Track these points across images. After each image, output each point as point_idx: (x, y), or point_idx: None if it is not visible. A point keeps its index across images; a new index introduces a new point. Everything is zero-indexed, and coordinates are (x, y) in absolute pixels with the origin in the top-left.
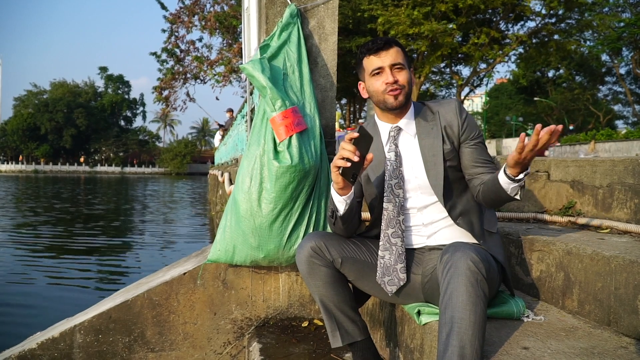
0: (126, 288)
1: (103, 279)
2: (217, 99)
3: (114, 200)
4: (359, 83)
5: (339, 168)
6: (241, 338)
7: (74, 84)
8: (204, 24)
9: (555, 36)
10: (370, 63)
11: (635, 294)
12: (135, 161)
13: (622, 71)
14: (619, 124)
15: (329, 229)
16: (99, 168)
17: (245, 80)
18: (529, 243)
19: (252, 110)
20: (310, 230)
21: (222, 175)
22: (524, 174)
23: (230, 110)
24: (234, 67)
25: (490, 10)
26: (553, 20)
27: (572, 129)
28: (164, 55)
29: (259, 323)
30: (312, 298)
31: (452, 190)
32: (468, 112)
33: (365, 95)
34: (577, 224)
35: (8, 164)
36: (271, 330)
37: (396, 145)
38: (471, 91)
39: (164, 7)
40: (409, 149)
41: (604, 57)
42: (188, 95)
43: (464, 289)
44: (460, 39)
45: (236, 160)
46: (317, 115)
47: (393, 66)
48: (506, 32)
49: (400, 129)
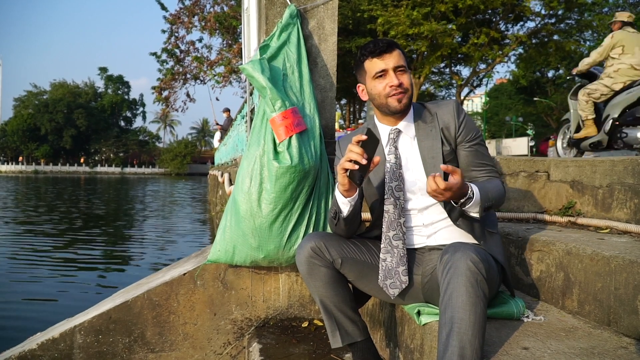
0: (126, 288)
1: (103, 280)
2: (217, 99)
3: (114, 200)
4: (357, 85)
5: (346, 170)
6: (241, 338)
7: (74, 84)
8: (203, 24)
9: (555, 36)
10: (373, 66)
11: (635, 294)
12: (135, 162)
13: None
14: None
15: (329, 230)
16: (99, 168)
17: (245, 80)
18: (529, 243)
19: (252, 111)
20: (310, 230)
21: (222, 175)
22: (463, 200)
23: (227, 110)
24: (234, 68)
25: (490, 11)
26: (553, 21)
27: None
28: (164, 56)
29: (259, 323)
30: (312, 298)
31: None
32: (467, 114)
33: (365, 97)
34: (577, 224)
35: (8, 164)
36: (271, 330)
37: (396, 148)
38: (471, 91)
39: (164, 8)
40: (408, 151)
41: None
42: (188, 95)
43: (464, 289)
44: (460, 40)
45: (236, 161)
46: (317, 116)
47: (396, 69)
48: (506, 33)
49: (399, 132)
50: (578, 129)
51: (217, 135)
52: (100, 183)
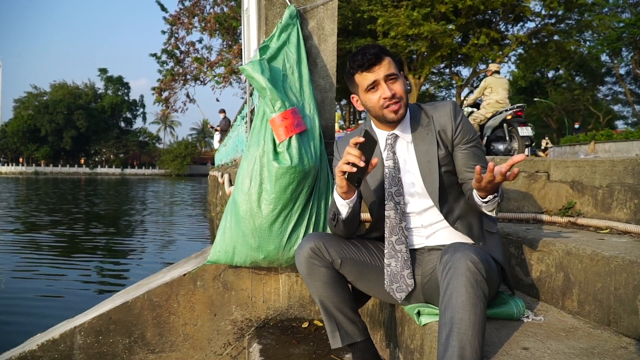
0: (126, 289)
1: (103, 280)
2: (218, 100)
3: (114, 201)
4: (352, 96)
5: (344, 173)
6: (241, 339)
7: (74, 85)
8: (203, 25)
9: (555, 37)
10: (363, 79)
11: (635, 294)
12: (135, 162)
13: (622, 71)
14: (619, 124)
15: (329, 230)
16: (99, 169)
17: (245, 81)
18: (528, 243)
19: (252, 112)
20: (310, 231)
21: (222, 176)
22: (492, 197)
23: (223, 111)
24: (234, 69)
25: (490, 11)
26: (553, 21)
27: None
28: (164, 57)
29: (259, 324)
30: (312, 299)
31: (449, 195)
32: (464, 115)
33: (360, 108)
34: (577, 225)
35: (8, 165)
36: (271, 331)
37: (394, 153)
38: (471, 92)
39: (163, 9)
40: (405, 155)
41: (604, 58)
42: (188, 96)
43: (464, 290)
44: (460, 40)
45: (236, 162)
46: (317, 116)
47: (387, 78)
48: (506, 33)
49: (396, 136)
50: None
51: (217, 136)
52: (100, 184)
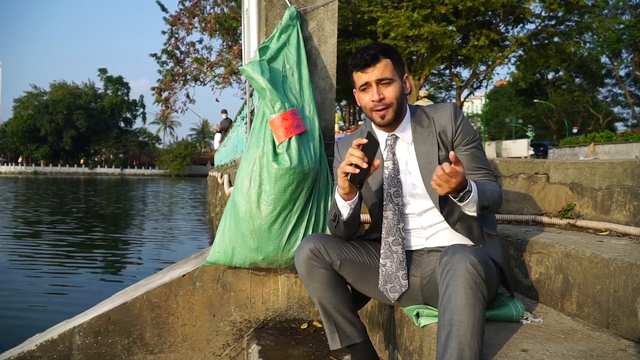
0: (125, 290)
1: (102, 281)
2: (217, 100)
3: (113, 201)
4: (354, 90)
5: (346, 174)
6: (240, 340)
7: (73, 85)
8: (204, 25)
9: (555, 38)
10: (358, 78)
11: (634, 297)
12: (135, 163)
13: (622, 73)
14: (619, 125)
15: (329, 231)
16: (99, 169)
17: (245, 82)
18: (528, 245)
19: (252, 112)
20: (310, 232)
21: (222, 177)
22: (462, 194)
23: (225, 111)
24: (234, 69)
25: (490, 13)
26: (553, 23)
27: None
28: (164, 57)
29: (258, 325)
30: (311, 300)
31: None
32: (465, 117)
33: (360, 103)
34: (576, 226)
35: (8, 165)
36: (270, 332)
37: (393, 154)
38: (471, 93)
39: (164, 9)
40: (406, 156)
41: (604, 59)
42: (188, 96)
43: (463, 292)
44: (460, 41)
45: (236, 162)
46: (317, 117)
47: (380, 82)
48: (506, 34)
49: (396, 137)
50: None
51: (217, 136)
52: (100, 184)
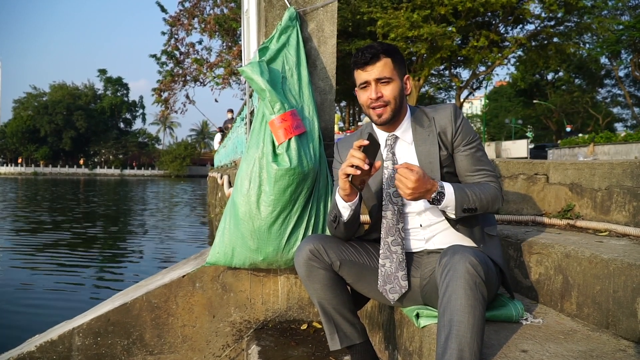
0: (125, 291)
1: (102, 282)
2: (216, 100)
3: (113, 202)
4: (355, 89)
5: (348, 175)
6: (240, 341)
7: (73, 86)
8: (203, 26)
9: (555, 39)
10: (358, 76)
11: (634, 297)
12: (134, 163)
13: (621, 74)
14: (618, 126)
15: (328, 232)
16: (99, 170)
17: (245, 82)
18: (527, 246)
19: (252, 113)
20: (309, 232)
21: (222, 177)
22: (433, 198)
23: (231, 111)
24: (234, 70)
25: (489, 13)
26: (552, 23)
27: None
28: (164, 58)
29: (258, 326)
30: (311, 301)
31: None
32: (465, 117)
33: (359, 101)
34: (576, 227)
35: (7, 166)
36: (270, 333)
37: (393, 154)
38: (470, 94)
39: (163, 10)
40: (406, 156)
41: (603, 60)
42: (188, 97)
43: (463, 292)
44: (460, 42)
45: (235, 163)
46: (316, 118)
47: (379, 81)
48: (505, 35)
49: (396, 137)
50: None
51: (217, 137)
52: (99, 185)
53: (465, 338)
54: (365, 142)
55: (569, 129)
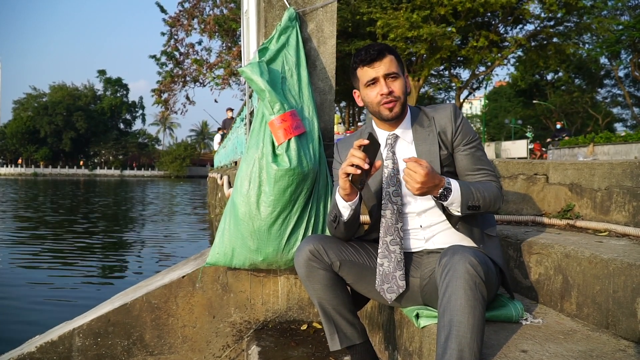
0: (125, 291)
1: (102, 282)
2: (216, 101)
3: (113, 203)
4: (354, 91)
5: (348, 175)
6: (240, 341)
7: (73, 87)
8: (203, 27)
9: (554, 39)
10: (364, 74)
11: (634, 297)
12: (134, 164)
13: (621, 74)
14: (618, 126)
15: (328, 232)
16: (99, 171)
17: (244, 83)
18: (527, 246)
19: (252, 113)
20: (309, 233)
21: (222, 178)
22: (441, 193)
23: (231, 109)
24: (233, 70)
25: (489, 14)
26: (552, 23)
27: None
28: (164, 58)
29: (258, 326)
30: (311, 301)
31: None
32: (464, 117)
33: (360, 103)
34: (576, 227)
35: (7, 167)
36: (270, 333)
37: (393, 153)
38: (470, 94)
39: (163, 10)
40: (406, 155)
41: (603, 60)
42: (188, 98)
43: (463, 292)
44: (459, 42)
45: (235, 163)
46: (316, 119)
47: (387, 76)
48: (505, 35)
49: (397, 137)
50: None
51: (217, 137)
52: (99, 186)
53: (465, 338)
54: (366, 142)
55: (558, 126)
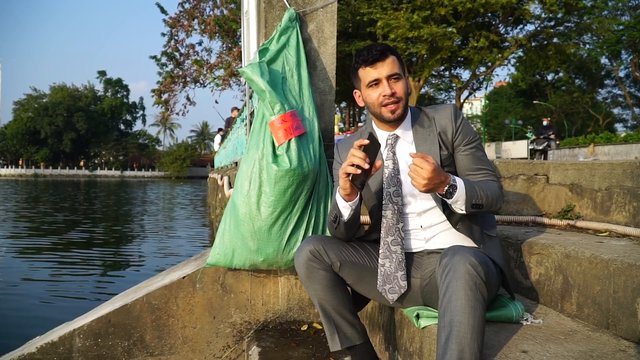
0: (125, 292)
1: (102, 283)
2: (217, 102)
3: (113, 203)
4: (354, 91)
5: (348, 175)
6: (240, 342)
7: (73, 87)
8: (203, 27)
9: (555, 39)
10: (366, 74)
11: (634, 297)
12: (135, 165)
13: (622, 74)
14: (619, 127)
15: (328, 233)
16: (99, 172)
17: (245, 83)
18: (527, 246)
19: (252, 114)
20: (310, 233)
21: (222, 178)
22: (446, 191)
23: (236, 109)
24: (234, 71)
25: (489, 14)
26: (552, 24)
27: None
28: (164, 59)
29: (258, 327)
30: (311, 302)
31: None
32: (465, 118)
33: (361, 103)
34: (576, 227)
35: (8, 168)
36: (270, 334)
37: (394, 153)
38: (470, 94)
39: (163, 11)
40: (406, 156)
41: (603, 60)
42: (188, 99)
43: (463, 293)
44: (460, 43)
45: (236, 164)
46: (316, 119)
47: (390, 77)
48: (505, 36)
49: (397, 137)
50: None
51: (217, 138)
52: (100, 186)
53: (466, 339)
54: (366, 142)
55: (545, 123)
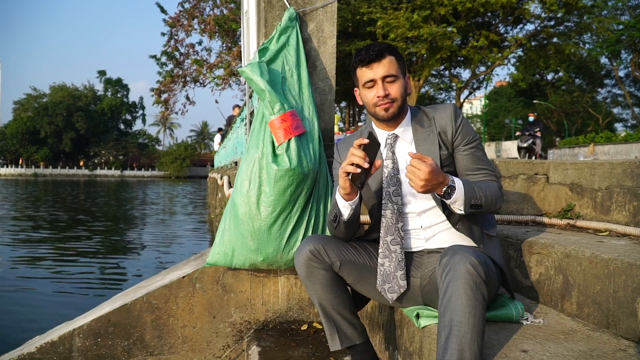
0: (125, 292)
1: (102, 283)
2: (217, 102)
3: (113, 203)
4: (355, 89)
5: (348, 174)
6: (240, 341)
7: (73, 87)
8: (203, 27)
9: (554, 39)
10: (362, 74)
11: (634, 297)
12: (134, 164)
13: (621, 74)
14: (619, 126)
15: (328, 232)
16: (99, 171)
17: (245, 83)
18: (527, 246)
19: (252, 114)
20: (309, 233)
21: (222, 178)
22: (445, 192)
23: (238, 107)
24: (234, 71)
25: (489, 14)
26: (552, 23)
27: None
28: (164, 59)
29: (258, 326)
30: (311, 301)
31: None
32: (465, 117)
33: (361, 102)
34: (576, 227)
35: (8, 167)
36: (270, 333)
37: (393, 153)
38: (470, 94)
39: (163, 11)
40: (406, 155)
41: (603, 60)
42: (188, 98)
43: (463, 292)
44: (460, 42)
45: (236, 164)
46: (316, 119)
47: (385, 78)
48: (505, 35)
49: (397, 137)
50: None
51: (217, 138)
52: (100, 186)
53: (466, 338)
54: (366, 141)
55: (531, 119)
